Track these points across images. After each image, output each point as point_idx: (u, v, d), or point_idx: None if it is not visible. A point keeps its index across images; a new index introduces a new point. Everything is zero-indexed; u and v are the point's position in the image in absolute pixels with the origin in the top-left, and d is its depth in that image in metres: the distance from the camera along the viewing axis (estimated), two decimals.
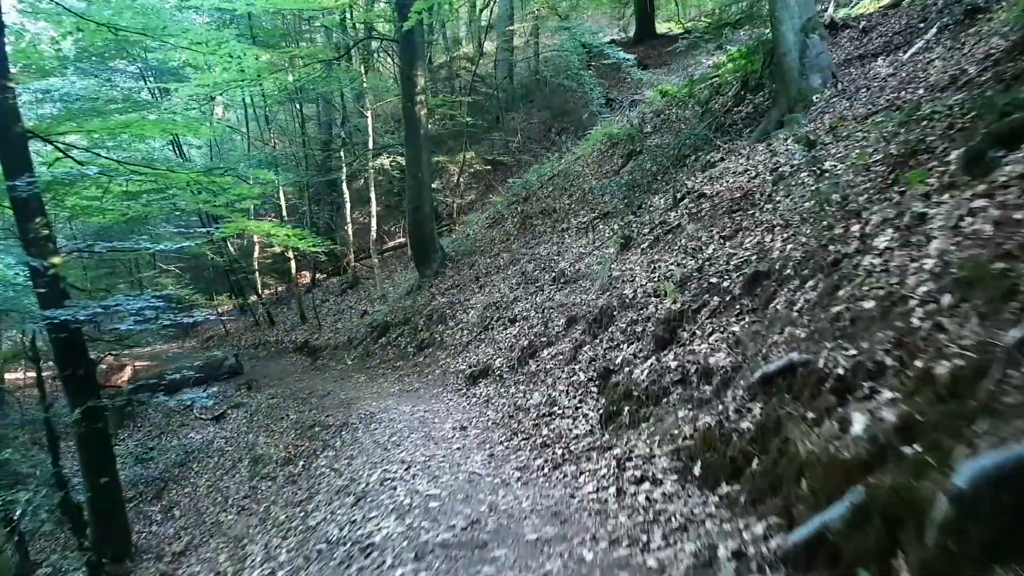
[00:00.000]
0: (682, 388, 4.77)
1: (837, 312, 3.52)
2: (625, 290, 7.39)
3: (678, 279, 6.73)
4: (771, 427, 3.40)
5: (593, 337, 7.39)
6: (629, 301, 7.11)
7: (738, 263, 5.48)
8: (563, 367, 7.39)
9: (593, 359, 6.72)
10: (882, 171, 4.77)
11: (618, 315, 7.10)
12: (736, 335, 4.59)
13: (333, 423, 9.95)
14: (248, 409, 13.96)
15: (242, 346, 20.32)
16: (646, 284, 7.14)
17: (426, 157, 14.65)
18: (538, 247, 12.23)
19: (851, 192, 4.78)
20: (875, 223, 4.08)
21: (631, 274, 7.78)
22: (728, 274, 5.44)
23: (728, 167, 8.64)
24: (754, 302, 4.84)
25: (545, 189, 14.78)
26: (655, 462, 4.28)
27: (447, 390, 9.68)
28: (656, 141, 12.82)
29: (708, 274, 5.76)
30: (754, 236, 5.90)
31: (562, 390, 6.69)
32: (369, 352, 14.39)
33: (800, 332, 3.79)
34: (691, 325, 5.28)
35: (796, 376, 3.46)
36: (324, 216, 23.63)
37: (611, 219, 10.96)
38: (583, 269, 9.73)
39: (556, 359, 7.79)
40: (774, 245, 5.24)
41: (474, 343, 10.63)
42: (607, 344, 6.76)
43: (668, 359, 5.17)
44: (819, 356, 3.35)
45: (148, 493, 12.73)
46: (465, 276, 13.54)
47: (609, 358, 6.41)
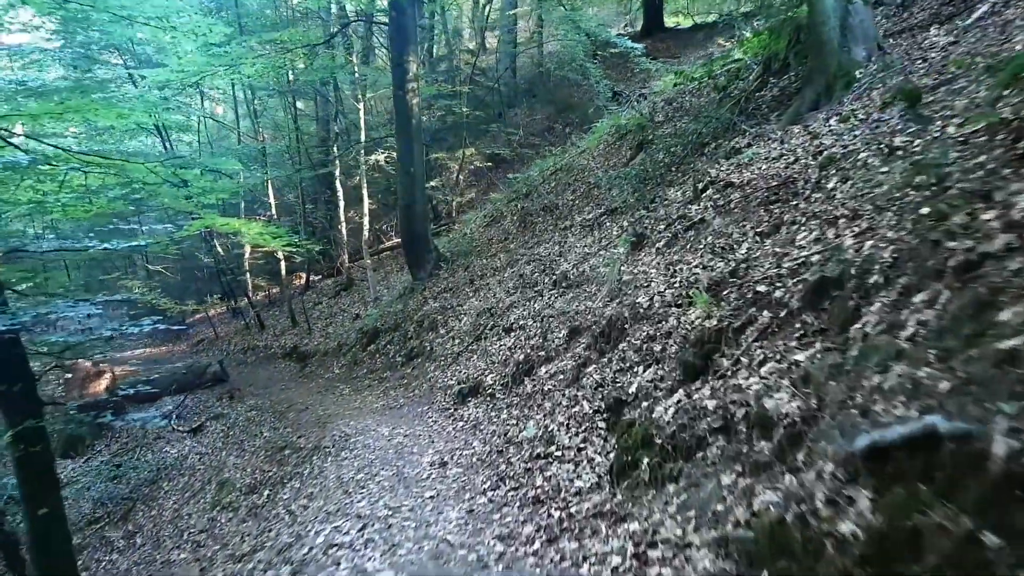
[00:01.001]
0: (725, 439, 3.36)
1: (1008, 349, 2.10)
2: (639, 297, 5.97)
3: (705, 285, 5.34)
4: (899, 538, 1.99)
5: (600, 354, 5.99)
6: (644, 311, 5.70)
7: (793, 266, 4.04)
8: (563, 390, 5.99)
9: (600, 384, 5.31)
10: (1004, 140, 3.34)
11: (631, 328, 5.69)
12: (804, 368, 3.17)
13: (305, 445, 8.59)
14: (227, 421, 12.61)
15: (231, 351, 18.97)
16: (665, 291, 5.73)
17: (419, 149, 13.26)
18: (538, 247, 10.82)
19: (963, 168, 3.36)
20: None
21: (645, 278, 6.37)
22: (779, 280, 4.01)
23: (758, 153, 7.21)
24: (822, 320, 3.42)
25: (547, 184, 13.37)
26: (691, 556, 2.88)
27: (433, 409, 8.29)
28: (669, 130, 11.39)
29: (749, 280, 4.33)
30: (807, 231, 4.48)
31: (562, 422, 5.28)
32: (357, 360, 13.03)
33: (929, 376, 2.37)
34: (732, 349, 3.86)
35: (941, 454, 2.05)
36: (320, 215, 22.24)
37: (620, 215, 9.54)
38: (588, 272, 8.32)
39: (556, 379, 6.39)
40: (842, 242, 3.82)
41: (465, 354, 9.23)
42: (617, 365, 5.35)
43: (702, 395, 3.76)
44: (991, 426, 1.93)
45: (116, 513, 11.39)
46: (460, 279, 12.14)
47: (620, 385, 5.00)
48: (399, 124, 13.24)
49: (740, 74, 11.35)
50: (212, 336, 20.67)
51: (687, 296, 5.43)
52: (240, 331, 20.25)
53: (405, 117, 12.92)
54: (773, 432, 3.02)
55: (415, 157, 13.04)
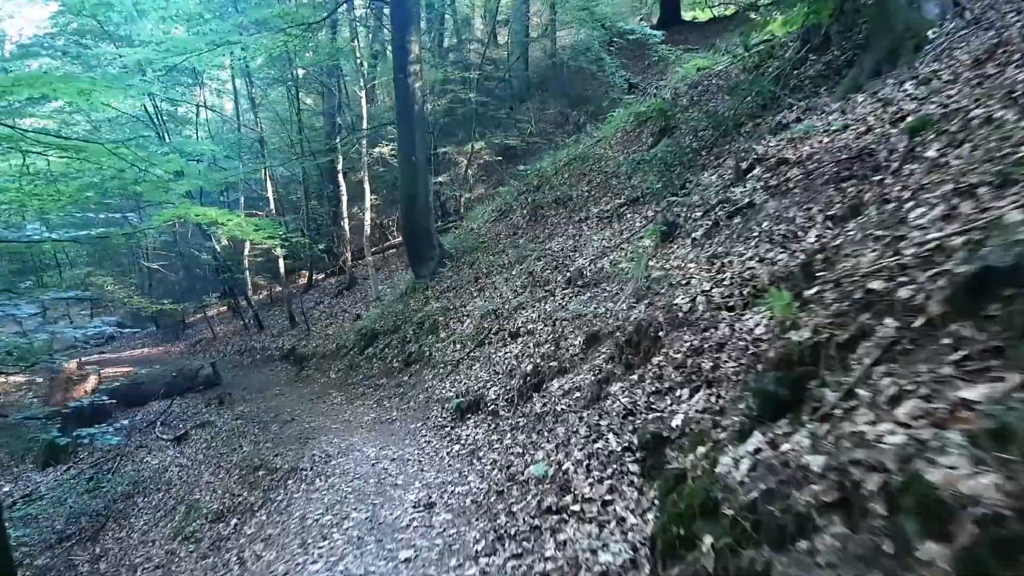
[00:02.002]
0: (844, 523, 2.05)
1: None
2: (676, 298, 4.67)
3: (766, 281, 4.05)
4: None
5: (626, 368, 4.69)
6: (684, 315, 4.40)
7: (918, 254, 2.72)
8: (581, 412, 4.70)
9: (630, 411, 4.00)
10: None
11: (667, 337, 4.38)
12: (982, 411, 1.86)
13: (281, 466, 7.34)
14: (212, 431, 11.39)
15: (228, 352, 17.79)
16: (711, 290, 4.43)
17: (422, 137, 12.00)
18: (550, 241, 9.53)
19: None
20: None
21: (682, 274, 5.06)
22: (904, 274, 2.68)
23: (814, 126, 5.89)
24: (990, 332, 2.12)
25: (560, 176, 12.06)
26: None
27: (427, 426, 7.02)
28: (695, 114, 10.07)
29: (852, 274, 3.00)
30: (924, 208, 3.16)
31: (579, 459, 3.97)
32: (354, 364, 11.80)
33: None
34: (839, 374, 2.54)
35: None
36: (325, 212, 21.02)
37: (643, 204, 8.26)
38: (607, 268, 7.02)
39: (571, 397, 5.10)
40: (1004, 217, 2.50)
41: (466, 362, 7.95)
42: (652, 386, 4.05)
43: (797, 445, 2.44)
44: None
45: (87, 530, 10.19)
46: (464, 277, 10.86)
47: (658, 412, 3.71)
48: (400, 110, 11.98)
49: (774, 52, 10.04)
50: (210, 336, 19.50)
51: (743, 296, 4.13)
52: (239, 331, 19.08)
53: (407, 103, 11.66)
54: (951, 525, 1.71)
55: (417, 145, 11.78)
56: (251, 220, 9.54)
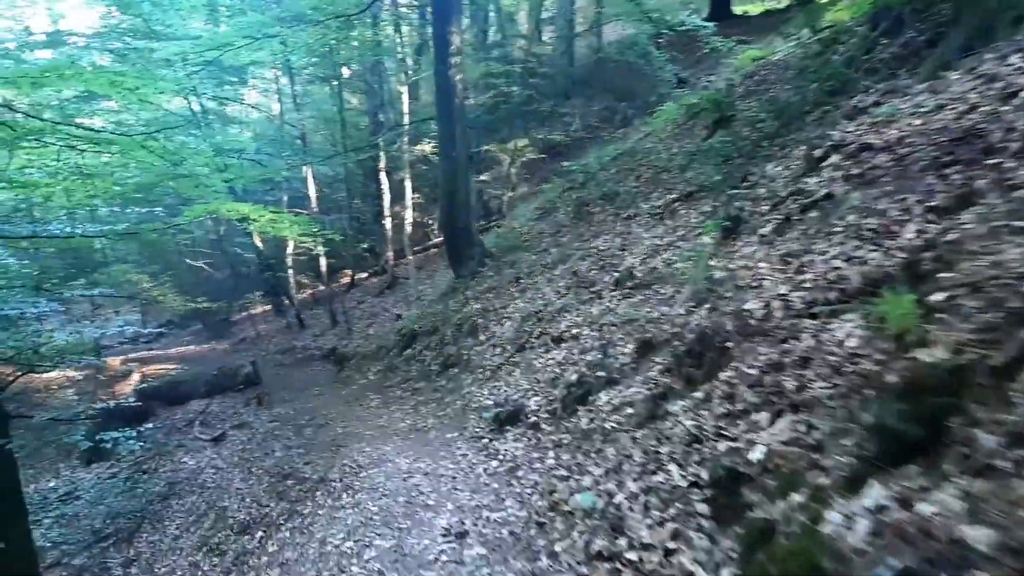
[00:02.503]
0: None
1: None
2: (746, 303, 4.00)
3: (856, 283, 3.39)
4: None
5: (687, 383, 4.05)
6: (758, 324, 3.74)
7: None
8: (634, 432, 4.08)
9: (695, 437, 3.36)
10: None
11: (737, 348, 3.73)
12: None
13: (310, 476, 6.87)
14: (249, 432, 11.06)
15: (270, 350, 17.55)
16: (789, 294, 3.75)
17: (462, 132, 11.45)
18: (595, 240, 8.89)
19: None
20: None
21: (751, 275, 4.39)
22: None
23: (900, 109, 5.14)
24: None
25: (607, 171, 11.38)
26: None
27: (463, 437, 6.46)
28: (753, 105, 9.31)
29: (978, 276, 2.32)
30: None
31: (634, 492, 3.36)
32: (393, 366, 11.33)
33: None
34: (994, 409, 1.88)
35: None
36: (368, 211, 20.67)
37: (698, 200, 7.57)
38: (660, 268, 6.37)
39: (622, 414, 4.48)
40: None
41: (506, 368, 7.37)
42: (721, 406, 3.41)
43: (939, 503, 1.80)
44: None
45: (124, 531, 9.94)
46: (505, 276, 10.28)
47: (731, 440, 3.08)
48: (440, 104, 11.45)
49: (839, 38, 9.23)
50: (254, 335, 19.33)
51: (828, 301, 3.46)
52: (281, 330, 18.86)
53: (447, 96, 11.12)
54: None
55: (458, 141, 11.24)
56: (285, 216, 9.12)
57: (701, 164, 7.96)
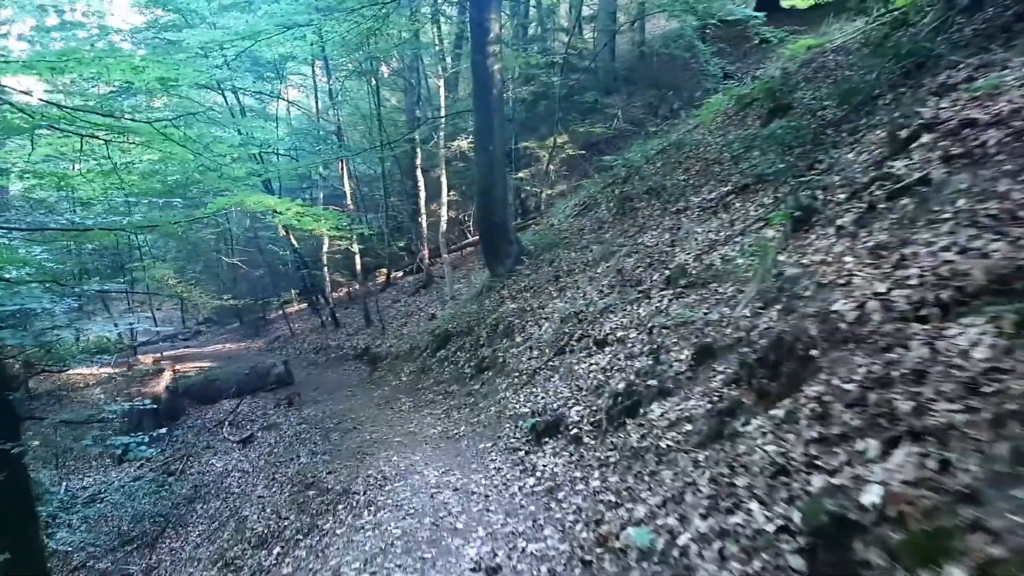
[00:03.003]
0: None
1: None
2: (834, 303, 3.33)
3: (980, 279, 2.72)
4: None
5: (760, 397, 3.41)
6: (849, 328, 3.08)
7: None
8: (695, 453, 3.45)
9: (780, 468, 2.71)
10: None
11: (825, 357, 3.07)
12: None
13: (333, 486, 6.35)
14: (277, 434, 10.65)
15: (304, 349, 17.20)
16: (890, 292, 3.08)
17: (500, 124, 10.87)
18: (641, 235, 8.23)
19: None
20: None
21: (835, 272, 3.72)
22: None
23: (1004, 81, 4.40)
24: None
25: (652, 165, 10.69)
26: None
27: (498, 447, 5.88)
28: (812, 92, 8.55)
29: None
30: None
31: (703, 531, 2.73)
32: (425, 368, 10.81)
33: None
34: None
35: None
36: (405, 209, 20.23)
37: (756, 191, 6.86)
38: (717, 265, 5.70)
39: (679, 430, 3.85)
40: None
41: (544, 372, 6.76)
42: (811, 429, 2.75)
43: None
44: None
45: (149, 535, 9.61)
46: (543, 275, 9.67)
47: (830, 473, 2.43)
48: (477, 95, 10.89)
49: (908, 19, 8.43)
50: (288, 333, 19.02)
51: (940, 301, 2.79)
52: (316, 329, 18.51)
53: (485, 86, 10.55)
54: None
55: (495, 133, 10.66)
56: (313, 210, 8.65)
57: (760, 154, 7.26)
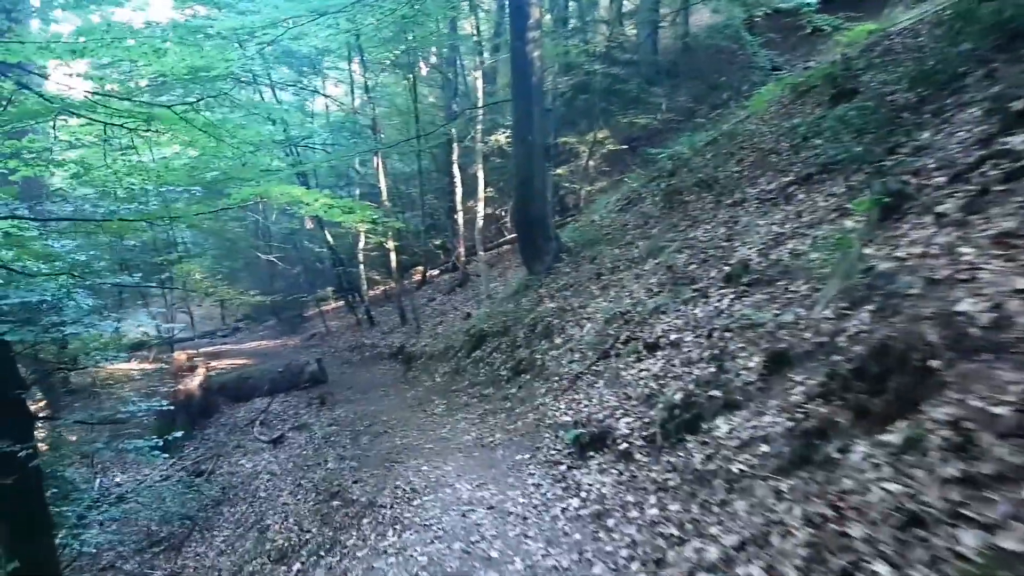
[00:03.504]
0: None
1: None
2: (956, 302, 2.67)
3: None
4: None
5: (860, 416, 2.76)
6: (984, 334, 2.42)
7: None
8: (780, 482, 2.82)
9: (911, 515, 2.09)
10: None
11: (952, 370, 2.42)
12: None
13: (359, 498, 5.84)
14: (307, 435, 10.24)
15: (339, 348, 16.85)
16: None
17: (539, 114, 10.27)
18: (693, 230, 7.56)
19: None
20: None
21: (948, 266, 3.05)
22: None
23: None
24: None
25: (701, 157, 9.99)
26: None
27: (537, 460, 5.30)
28: (879, 77, 7.78)
29: None
30: None
31: None
32: (460, 369, 10.29)
33: None
34: None
35: None
36: (441, 207, 19.76)
37: (824, 180, 6.15)
38: (786, 260, 5.02)
39: (755, 452, 3.22)
40: None
41: (587, 377, 6.15)
42: (950, 464, 2.11)
43: None
44: None
45: (177, 537, 9.26)
46: (584, 273, 9.06)
47: (989, 529, 1.80)
48: (516, 83, 10.32)
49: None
50: (324, 331, 18.72)
51: None
52: (351, 327, 18.15)
53: (524, 74, 9.97)
54: None
55: (535, 123, 10.07)
56: (342, 202, 8.16)
57: (824, 141, 6.55)
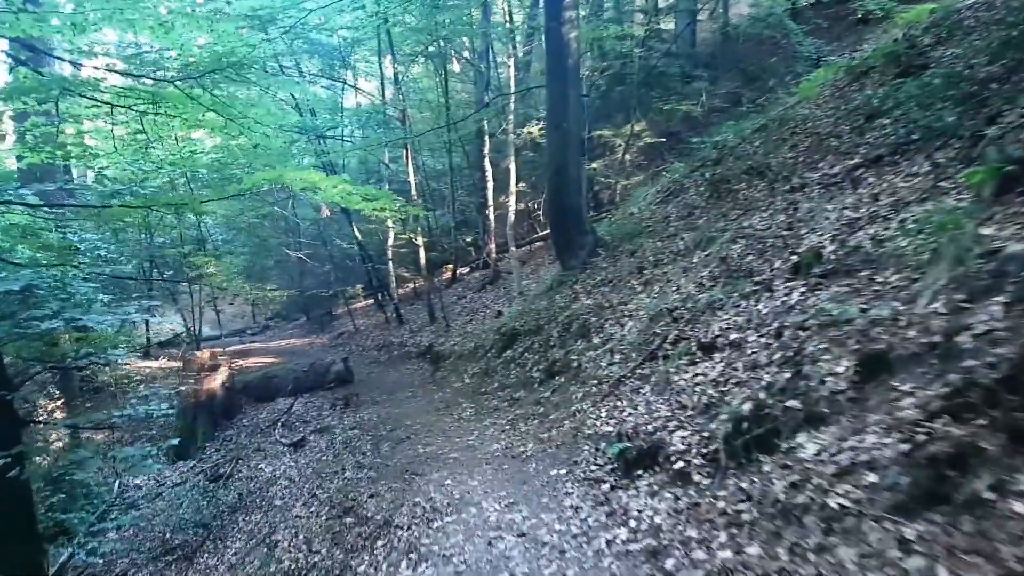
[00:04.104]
0: None
1: None
2: None
3: None
4: None
5: (1016, 442, 2.02)
6: None
7: None
8: (901, 526, 2.09)
9: None
10: None
11: None
12: None
13: (373, 516, 5.20)
14: (328, 439, 9.65)
15: (367, 347, 16.32)
16: None
17: (575, 99, 9.57)
18: (748, 218, 6.78)
19: None
20: None
21: None
22: None
23: None
24: None
25: (750, 144, 9.19)
26: None
27: (573, 476, 4.59)
28: (953, 51, 6.91)
29: None
30: None
31: None
32: (490, 369, 9.64)
33: None
34: None
35: None
36: (472, 203, 19.16)
37: (898, 161, 5.35)
38: (867, 247, 4.25)
39: (858, 482, 2.48)
40: None
41: (631, 382, 5.43)
42: None
43: None
44: None
45: (191, 545, 8.75)
46: (623, 267, 8.33)
47: None
48: (551, 67, 9.61)
49: None
50: (352, 329, 18.22)
51: None
52: (380, 325, 17.62)
53: (559, 55, 9.27)
54: None
55: (570, 108, 9.37)
56: (362, 189, 7.55)
57: (897, 120, 5.75)
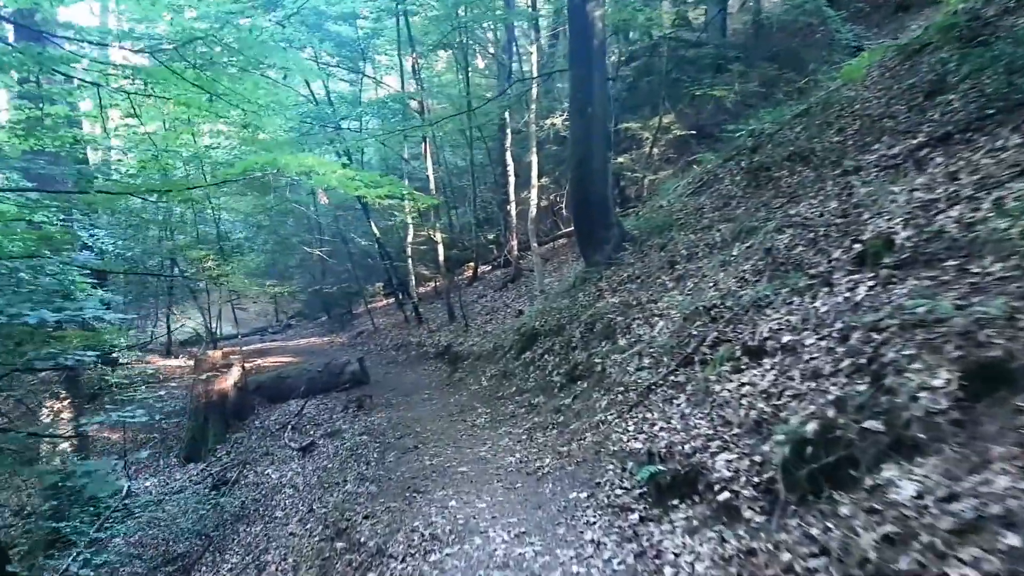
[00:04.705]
0: None
1: None
2: None
3: None
4: None
5: None
6: None
7: None
8: None
9: None
10: None
11: None
12: None
13: (366, 542, 4.56)
14: (337, 445, 9.06)
15: (385, 346, 15.75)
16: None
17: (601, 81, 8.83)
18: (793, 206, 6.01)
19: None
20: None
21: None
22: None
23: None
24: None
25: (790, 130, 8.38)
26: None
27: (595, 501, 3.89)
28: None
29: None
30: None
31: None
32: (508, 371, 8.98)
33: None
34: None
35: None
36: (493, 200, 18.52)
37: (972, 138, 4.55)
38: (952, 233, 3.49)
39: (980, 537, 1.76)
40: None
41: (662, 390, 4.70)
42: None
43: None
44: None
45: (192, 555, 8.23)
46: (652, 262, 7.58)
47: None
48: (575, 48, 8.89)
49: None
50: (371, 329, 17.66)
51: None
52: (399, 324, 17.03)
53: (584, 35, 8.54)
54: None
55: (595, 93, 8.64)
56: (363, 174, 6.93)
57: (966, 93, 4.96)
